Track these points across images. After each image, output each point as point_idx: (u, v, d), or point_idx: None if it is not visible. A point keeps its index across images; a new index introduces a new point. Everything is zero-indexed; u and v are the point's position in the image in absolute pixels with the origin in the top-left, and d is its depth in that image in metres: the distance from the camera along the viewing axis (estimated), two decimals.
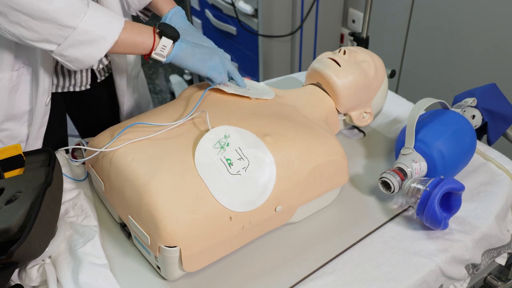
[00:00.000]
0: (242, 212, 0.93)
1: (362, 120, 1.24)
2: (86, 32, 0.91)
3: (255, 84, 1.21)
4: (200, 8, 2.79)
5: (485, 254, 1.09)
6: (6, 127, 1.14)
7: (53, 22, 0.88)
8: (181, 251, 0.88)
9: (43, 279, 0.92)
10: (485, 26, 1.93)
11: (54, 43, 0.91)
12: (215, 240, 0.92)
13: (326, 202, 1.11)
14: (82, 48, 0.93)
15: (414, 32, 2.23)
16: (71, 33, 0.90)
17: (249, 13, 2.36)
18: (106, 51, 0.95)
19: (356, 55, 1.21)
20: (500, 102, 1.26)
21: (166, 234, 0.87)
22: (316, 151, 1.02)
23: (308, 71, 1.25)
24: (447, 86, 2.18)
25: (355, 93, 1.19)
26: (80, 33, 0.91)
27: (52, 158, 0.99)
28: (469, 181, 1.17)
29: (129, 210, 0.94)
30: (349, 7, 2.52)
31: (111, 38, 0.95)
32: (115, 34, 0.95)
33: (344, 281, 0.95)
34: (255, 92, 1.15)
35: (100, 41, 0.93)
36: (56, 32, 0.89)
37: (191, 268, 0.92)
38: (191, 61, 1.06)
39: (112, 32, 0.95)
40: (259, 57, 2.47)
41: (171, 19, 1.20)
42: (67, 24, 0.89)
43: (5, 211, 0.89)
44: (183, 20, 1.21)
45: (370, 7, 1.75)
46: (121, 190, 0.96)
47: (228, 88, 1.11)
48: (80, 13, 0.90)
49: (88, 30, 0.91)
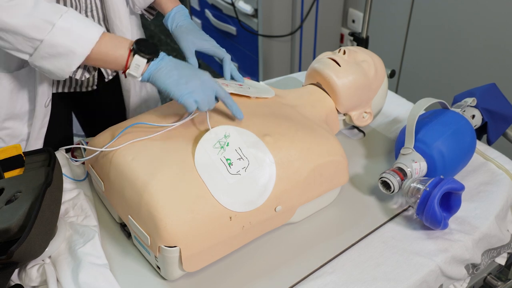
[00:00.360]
0: (242, 212, 0.93)
1: (362, 120, 1.24)
2: (53, 46, 0.90)
3: (255, 84, 1.21)
4: (200, 8, 2.79)
5: (485, 254, 1.09)
6: (8, 126, 1.14)
7: (20, 34, 0.88)
8: (181, 251, 0.88)
9: (43, 279, 0.92)
10: (485, 26, 1.93)
11: (25, 53, 0.91)
12: (215, 240, 0.92)
13: (326, 202, 1.11)
14: (53, 61, 0.92)
15: (414, 32, 2.23)
16: (39, 45, 0.90)
17: (249, 13, 2.36)
18: (76, 66, 0.93)
19: (356, 55, 1.21)
20: (500, 102, 1.26)
21: (166, 234, 0.87)
22: (316, 151, 1.02)
23: (308, 71, 1.25)
24: (447, 86, 2.18)
25: (355, 93, 1.19)
26: (48, 46, 0.90)
27: (52, 158, 0.99)
28: (469, 181, 1.17)
29: (129, 210, 0.94)
30: (349, 7, 2.52)
31: (82, 52, 0.92)
32: (86, 48, 0.92)
33: (344, 281, 0.95)
34: (255, 91, 1.15)
35: (69, 55, 0.91)
36: (26, 43, 0.90)
37: (191, 268, 0.92)
38: (164, 83, 0.96)
39: (83, 46, 0.92)
40: (259, 57, 2.47)
41: (174, 17, 1.20)
42: (33, 37, 0.89)
43: (5, 211, 0.89)
44: (185, 18, 1.21)
45: (370, 7, 1.76)
46: (121, 190, 0.96)
47: (228, 87, 1.11)
48: (47, 26, 0.89)
49: (55, 43, 0.90)
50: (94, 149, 1.00)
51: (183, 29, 1.18)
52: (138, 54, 0.95)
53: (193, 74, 0.98)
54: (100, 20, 1.16)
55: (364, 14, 1.78)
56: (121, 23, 1.15)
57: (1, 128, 1.14)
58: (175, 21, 1.20)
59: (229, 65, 1.16)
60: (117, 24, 1.15)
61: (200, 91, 0.96)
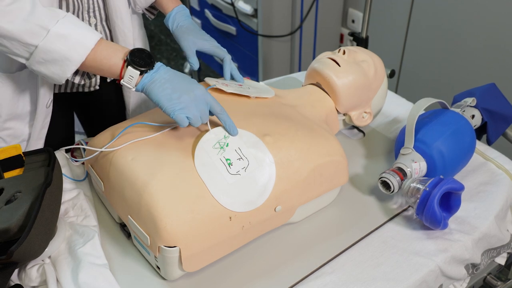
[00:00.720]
0: (242, 212, 0.93)
1: (361, 120, 1.24)
2: (48, 52, 0.90)
3: (255, 84, 1.21)
4: (199, 8, 2.79)
5: (484, 254, 1.09)
6: (9, 126, 1.14)
7: (16, 39, 0.89)
8: (180, 251, 0.88)
9: (42, 279, 0.92)
10: (485, 25, 1.93)
11: (22, 57, 0.92)
12: (215, 240, 0.92)
13: (326, 202, 1.11)
14: (49, 66, 0.92)
15: (414, 32, 2.23)
16: (34, 50, 0.90)
17: (248, 13, 2.36)
18: (71, 72, 0.93)
19: (356, 55, 1.21)
20: (500, 102, 1.26)
21: (166, 234, 0.87)
22: (316, 151, 1.02)
23: (307, 71, 1.25)
24: (446, 86, 2.18)
25: (355, 93, 1.19)
26: (43, 51, 0.90)
27: (52, 158, 0.99)
28: (469, 181, 1.17)
29: (129, 210, 0.94)
30: (348, 7, 2.52)
31: (76, 60, 0.92)
32: (81, 55, 0.92)
33: (344, 281, 0.95)
34: (255, 91, 1.15)
35: (64, 61, 0.91)
36: (22, 47, 0.90)
37: (191, 268, 0.92)
38: (157, 96, 0.94)
39: (78, 53, 0.92)
40: (258, 57, 2.47)
41: (174, 17, 1.20)
42: (28, 42, 0.89)
43: (5, 211, 0.89)
44: (186, 18, 1.20)
45: (369, 7, 1.76)
46: (120, 190, 0.96)
47: (228, 87, 1.11)
48: (42, 32, 0.89)
49: (49, 49, 0.90)
50: (94, 149, 1.00)
51: (184, 29, 1.18)
52: (132, 66, 0.94)
53: (187, 88, 0.95)
54: (102, 20, 1.16)
55: (364, 14, 1.78)
56: (123, 24, 1.15)
57: (3, 129, 1.14)
58: (176, 21, 1.20)
59: (229, 65, 1.16)
60: (118, 25, 1.15)
61: (193, 107, 0.93)
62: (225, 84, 1.12)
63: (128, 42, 1.18)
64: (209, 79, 1.13)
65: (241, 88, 1.13)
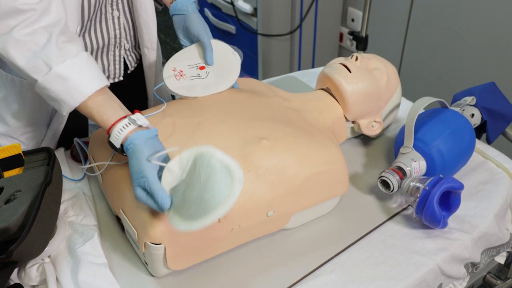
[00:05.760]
0: (231, 214, 0.89)
1: (371, 129, 1.22)
2: (45, 89, 0.91)
3: (225, 64, 1.12)
4: (199, 7, 2.79)
5: (484, 253, 1.09)
6: (29, 130, 1.18)
7: (22, 71, 0.91)
8: (165, 249, 0.88)
9: (42, 278, 0.92)
10: (485, 25, 1.93)
11: (32, 79, 0.92)
12: (202, 240, 0.92)
13: (324, 211, 1.08)
14: (48, 99, 0.94)
15: (413, 31, 2.23)
16: (35, 83, 0.92)
17: (248, 12, 2.36)
18: (67, 112, 0.94)
19: (369, 62, 1.20)
20: (499, 101, 1.26)
21: (152, 231, 0.87)
22: (314, 158, 1.00)
23: (318, 76, 1.23)
24: (446, 85, 2.18)
25: (364, 101, 1.17)
26: (41, 87, 0.91)
27: (52, 157, 0.99)
28: (468, 180, 1.17)
29: (121, 204, 0.95)
30: (348, 6, 2.52)
31: (70, 103, 0.91)
32: (76, 101, 0.91)
33: (343, 280, 0.95)
34: (212, 82, 1.09)
35: (59, 102, 0.92)
36: (27, 77, 0.92)
37: (176, 267, 0.92)
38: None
39: (73, 98, 0.91)
40: (258, 56, 2.47)
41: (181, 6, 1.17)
42: (31, 76, 0.91)
43: (5, 210, 0.89)
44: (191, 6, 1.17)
45: (369, 6, 1.75)
46: (115, 184, 0.97)
47: (182, 78, 1.08)
48: (45, 68, 0.89)
49: (46, 87, 0.91)
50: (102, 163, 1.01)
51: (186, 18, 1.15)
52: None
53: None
54: (126, 13, 1.15)
55: (363, 13, 1.78)
56: (147, 15, 1.15)
57: (24, 132, 1.17)
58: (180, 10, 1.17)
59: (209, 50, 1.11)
60: (143, 16, 1.15)
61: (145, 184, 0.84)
62: (180, 74, 1.08)
63: (151, 34, 1.19)
64: (168, 66, 1.10)
65: (197, 80, 1.09)
